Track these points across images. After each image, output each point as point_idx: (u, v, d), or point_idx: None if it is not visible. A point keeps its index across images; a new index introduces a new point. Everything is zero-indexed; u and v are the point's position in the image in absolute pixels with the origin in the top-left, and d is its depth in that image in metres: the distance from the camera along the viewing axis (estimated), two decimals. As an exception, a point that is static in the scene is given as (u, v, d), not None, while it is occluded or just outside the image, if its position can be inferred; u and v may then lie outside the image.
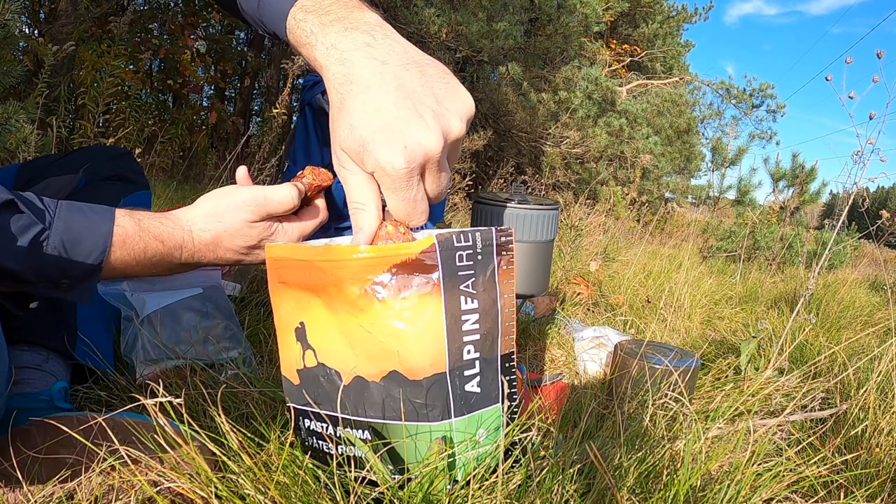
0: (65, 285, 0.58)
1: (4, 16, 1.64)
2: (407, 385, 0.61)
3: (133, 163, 1.04)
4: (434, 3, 4.73)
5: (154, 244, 0.62)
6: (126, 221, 0.60)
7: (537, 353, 1.42)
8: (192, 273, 1.15)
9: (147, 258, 0.62)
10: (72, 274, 0.57)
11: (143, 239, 0.61)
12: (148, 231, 0.62)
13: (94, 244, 0.57)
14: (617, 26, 9.51)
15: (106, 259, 0.58)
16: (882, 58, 1.45)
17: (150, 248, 0.62)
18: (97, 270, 0.58)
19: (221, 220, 0.66)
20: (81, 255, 0.57)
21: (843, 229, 3.61)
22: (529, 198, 1.40)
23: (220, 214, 0.67)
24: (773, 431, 0.98)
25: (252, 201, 0.67)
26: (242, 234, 0.67)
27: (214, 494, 0.56)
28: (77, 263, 0.57)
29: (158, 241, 0.62)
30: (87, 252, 0.57)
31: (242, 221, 0.67)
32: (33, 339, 0.82)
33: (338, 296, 0.62)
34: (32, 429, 0.66)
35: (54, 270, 0.57)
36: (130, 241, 0.60)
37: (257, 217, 0.68)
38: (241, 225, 0.67)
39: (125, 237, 0.60)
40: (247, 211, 0.67)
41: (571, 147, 6.06)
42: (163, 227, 0.63)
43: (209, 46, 5.25)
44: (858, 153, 1.52)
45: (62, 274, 0.57)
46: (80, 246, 0.57)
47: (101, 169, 0.96)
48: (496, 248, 0.63)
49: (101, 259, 0.58)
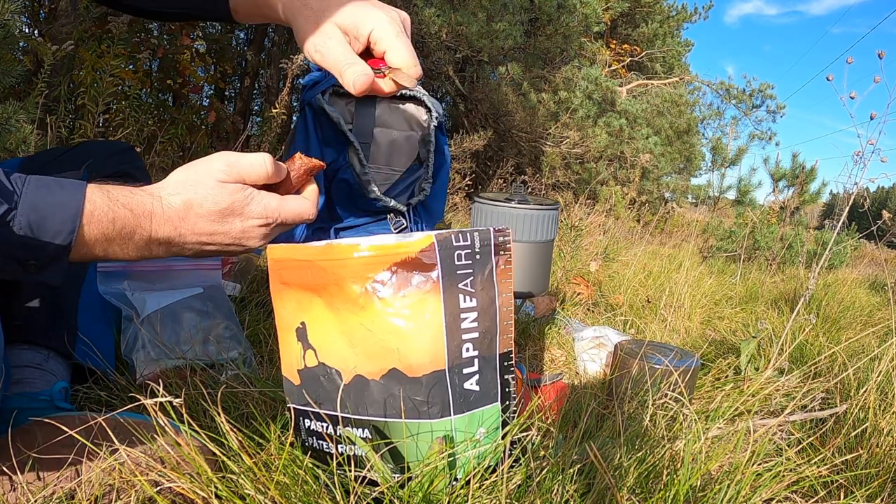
0: (33, 266, 0.56)
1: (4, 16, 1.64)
2: (407, 383, 0.61)
3: (136, 158, 1.03)
4: (434, 3, 4.73)
5: (123, 213, 0.58)
6: (96, 195, 0.57)
7: (537, 353, 1.42)
8: (192, 273, 1.16)
9: (116, 230, 0.58)
10: (40, 255, 0.55)
11: (112, 209, 0.58)
12: (116, 200, 0.58)
13: (63, 223, 0.55)
14: (617, 26, 9.51)
15: (75, 238, 0.56)
16: (883, 58, 1.45)
17: (119, 218, 0.58)
18: (66, 251, 0.56)
19: (193, 185, 0.62)
20: (49, 236, 0.54)
21: (844, 229, 3.61)
22: (529, 198, 1.40)
23: (192, 180, 0.62)
24: (773, 431, 0.98)
25: (222, 161, 0.63)
26: (213, 197, 0.62)
27: (214, 494, 0.56)
28: (45, 244, 0.54)
29: (127, 209, 0.59)
30: (55, 232, 0.54)
31: (213, 181, 0.62)
32: (33, 339, 0.82)
33: (339, 294, 0.63)
34: (33, 428, 0.66)
35: (22, 251, 0.54)
36: (99, 213, 0.57)
37: (229, 178, 0.63)
38: (212, 185, 0.62)
39: (94, 211, 0.56)
40: (218, 171, 0.63)
41: (571, 147, 6.06)
42: (132, 195, 0.60)
43: (209, 46, 5.25)
44: (859, 153, 1.52)
45: (30, 255, 0.55)
46: (47, 226, 0.54)
47: (103, 165, 0.95)
48: (494, 247, 0.64)
49: (69, 239, 0.55)
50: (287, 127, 4.22)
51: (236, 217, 0.63)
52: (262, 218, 0.64)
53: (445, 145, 1.52)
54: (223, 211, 0.62)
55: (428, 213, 1.47)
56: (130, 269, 1.11)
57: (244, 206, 0.63)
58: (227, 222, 0.63)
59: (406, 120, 1.49)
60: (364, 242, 0.61)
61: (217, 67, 5.38)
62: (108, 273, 1.07)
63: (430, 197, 1.46)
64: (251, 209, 0.64)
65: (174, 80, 4.48)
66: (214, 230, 0.63)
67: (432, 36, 4.72)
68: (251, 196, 0.64)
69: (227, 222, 0.63)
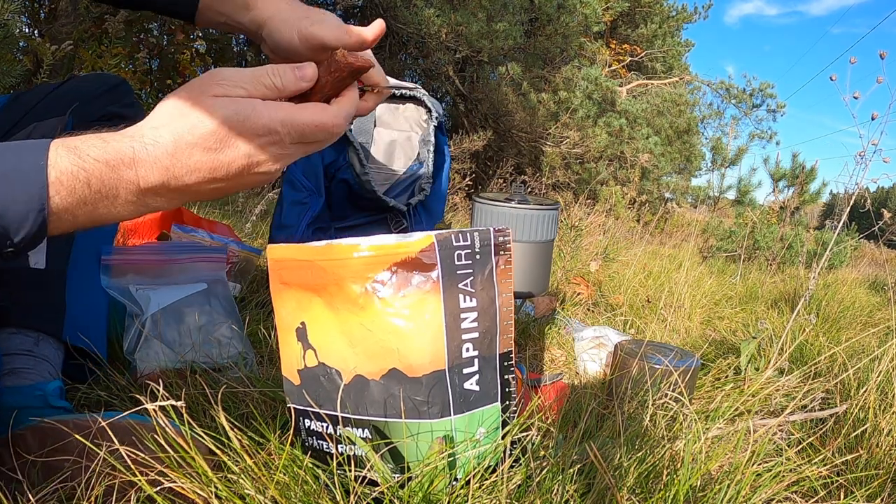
0: (10, 253, 0.48)
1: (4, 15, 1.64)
2: (407, 382, 0.61)
3: (127, 94, 0.93)
4: (434, 3, 4.73)
5: (98, 170, 0.48)
6: (62, 159, 0.47)
7: (537, 353, 1.42)
8: (197, 265, 1.14)
9: (94, 191, 0.48)
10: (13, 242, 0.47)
11: (84, 169, 0.47)
12: (87, 156, 0.48)
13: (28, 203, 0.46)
14: (617, 26, 9.51)
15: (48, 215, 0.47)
16: (885, 58, 1.45)
17: (95, 177, 0.48)
18: (41, 231, 0.48)
19: (185, 110, 0.49)
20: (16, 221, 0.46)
21: (844, 229, 3.61)
22: (529, 198, 1.40)
23: (184, 103, 0.50)
24: (773, 431, 0.98)
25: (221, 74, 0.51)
26: (203, 114, 0.49)
27: (214, 494, 0.56)
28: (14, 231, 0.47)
29: (102, 163, 0.48)
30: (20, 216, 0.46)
31: (205, 98, 0.50)
32: (21, 322, 0.80)
33: (339, 294, 0.63)
34: (27, 434, 0.65)
35: None
36: (68, 178, 0.47)
37: (224, 91, 0.50)
38: (202, 102, 0.49)
39: (60, 178, 0.47)
40: (215, 84, 0.50)
41: (571, 147, 6.06)
42: (106, 145, 0.48)
43: (209, 46, 5.25)
44: (862, 154, 1.52)
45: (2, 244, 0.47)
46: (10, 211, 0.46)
47: (90, 108, 0.87)
48: (494, 247, 0.64)
49: (40, 219, 0.47)
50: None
51: (236, 138, 0.50)
52: (269, 133, 0.50)
53: (445, 145, 1.52)
54: (216, 131, 0.49)
55: (428, 213, 1.47)
56: (134, 263, 1.10)
57: (243, 121, 0.49)
58: (227, 147, 0.50)
59: (406, 120, 1.49)
60: (364, 242, 0.61)
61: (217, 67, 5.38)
62: (112, 266, 1.07)
63: (430, 197, 1.46)
64: (253, 123, 0.50)
65: (174, 80, 4.48)
66: (215, 161, 0.50)
67: (432, 36, 4.72)
68: (251, 106, 0.50)
69: (228, 147, 0.50)
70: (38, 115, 0.85)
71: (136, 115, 0.93)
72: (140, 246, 1.23)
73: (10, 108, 0.86)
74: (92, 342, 0.86)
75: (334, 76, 0.55)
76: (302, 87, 0.54)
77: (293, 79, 0.53)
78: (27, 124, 0.84)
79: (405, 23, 4.69)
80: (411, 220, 1.42)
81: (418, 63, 5.99)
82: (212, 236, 1.50)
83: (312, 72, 0.54)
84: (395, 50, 5.68)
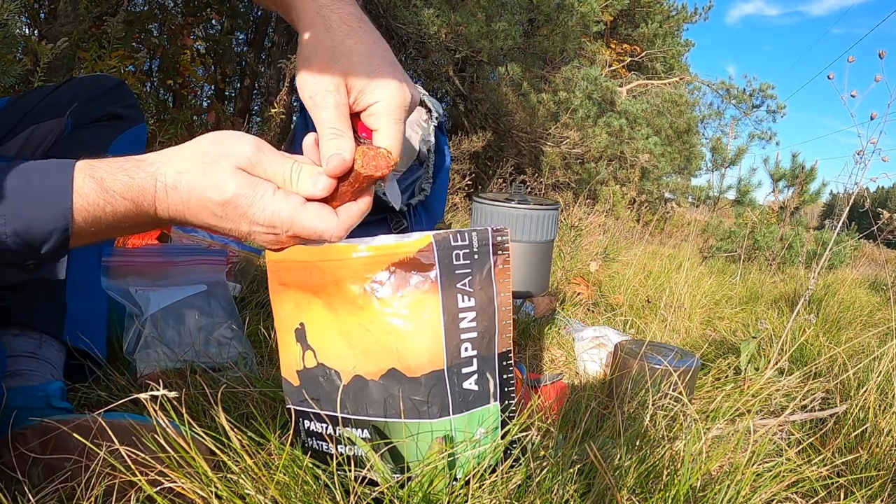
0: (32, 266, 0.53)
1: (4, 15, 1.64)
2: (406, 382, 0.61)
3: (125, 95, 0.95)
4: (433, 3, 4.73)
5: (123, 205, 0.53)
6: (88, 188, 0.51)
7: (537, 353, 1.42)
8: (197, 267, 1.15)
9: (117, 221, 0.54)
10: (35, 256, 0.52)
11: (110, 203, 0.52)
12: (114, 192, 0.52)
13: (53, 227, 0.51)
14: (617, 26, 9.52)
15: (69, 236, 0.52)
16: (884, 58, 1.45)
17: (119, 211, 0.53)
18: (63, 248, 0.52)
19: (205, 165, 0.54)
20: (39, 240, 0.51)
21: (844, 229, 3.61)
22: (529, 198, 1.40)
23: (209, 158, 0.54)
24: (774, 432, 0.98)
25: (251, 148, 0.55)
26: (217, 182, 0.53)
27: (214, 494, 0.56)
28: (38, 246, 0.51)
29: (128, 201, 0.53)
30: (44, 235, 0.51)
31: (227, 165, 0.54)
32: (24, 322, 0.81)
33: (337, 295, 0.63)
34: (28, 433, 0.65)
35: (15, 258, 0.52)
36: (94, 209, 0.52)
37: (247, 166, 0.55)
38: (222, 168, 0.54)
39: (86, 207, 0.51)
40: (238, 155, 0.54)
41: (571, 147, 6.06)
42: (132, 182, 0.53)
43: (209, 46, 5.26)
44: (860, 153, 1.52)
45: (25, 259, 0.52)
46: (35, 231, 0.50)
47: (89, 109, 0.88)
48: (492, 247, 0.64)
49: (63, 239, 0.51)
50: (287, 127, 4.22)
51: (240, 218, 0.55)
52: (267, 226, 0.56)
53: (445, 145, 1.52)
54: (225, 203, 0.54)
55: (428, 213, 1.47)
56: (135, 264, 1.10)
57: (249, 205, 0.54)
58: (230, 219, 0.55)
59: (405, 120, 1.49)
60: (363, 243, 0.61)
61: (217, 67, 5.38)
62: (112, 268, 1.07)
63: (430, 197, 1.46)
64: (255, 213, 0.55)
65: (174, 80, 4.48)
66: (217, 223, 0.55)
67: (431, 36, 4.72)
68: (261, 195, 0.54)
69: (230, 219, 0.55)
70: (37, 117, 0.86)
71: (134, 115, 0.94)
72: (140, 248, 1.23)
73: (8, 110, 0.87)
74: (92, 343, 0.87)
75: (353, 186, 0.58)
76: (314, 196, 0.57)
77: (308, 187, 0.56)
78: (27, 126, 0.85)
79: (404, 23, 4.69)
80: (411, 220, 1.42)
81: (418, 63, 5.99)
82: (212, 236, 1.50)
83: (330, 186, 0.57)
84: (395, 50, 5.67)
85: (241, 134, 0.57)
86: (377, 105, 0.60)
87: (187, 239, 1.44)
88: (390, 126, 0.60)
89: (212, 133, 0.57)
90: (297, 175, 0.56)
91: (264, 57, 5.79)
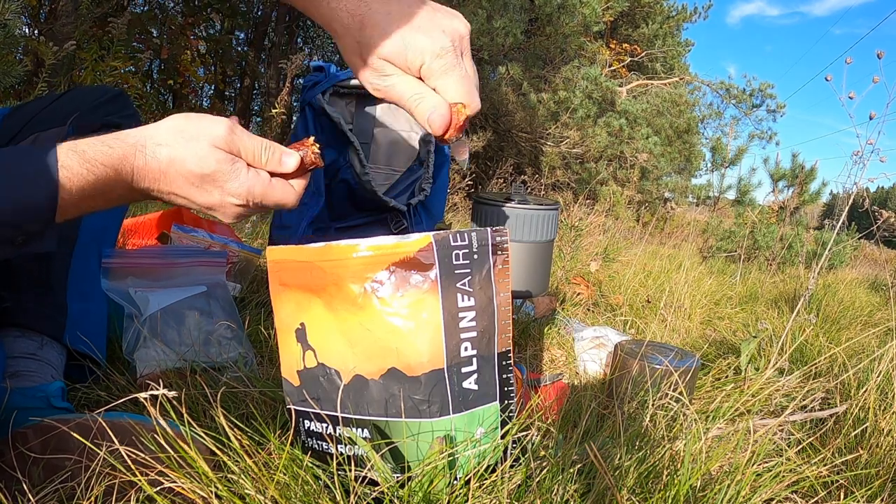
0: (21, 241, 0.56)
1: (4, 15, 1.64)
2: (406, 382, 0.61)
3: (125, 105, 0.97)
4: (434, 2, 4.73)
5: (104, 173, 0.57)
6: (70, 160, 0.55)
7: (537, 353, 1.42)
8: (197, 269, 1.15)
9: (98, 189, 0.57)
10: (25, 230, 0.55)
11: (93, 172, 0.56)
12: (96, 161, 0.56)
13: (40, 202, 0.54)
14: (617, 26, 9.52)
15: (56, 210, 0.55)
16: (882, 58, 1.45)
17: (101, 179, 0.57)
18: (51, 220, 0.55)
19: (185, 141, 0.59)
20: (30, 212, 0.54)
21: (843, 229, 3.61)
22: (529, 198, 1.40)
23: (187, 134, 0.59)
24: (774, 432, 0.98)
25: (225, 128, 0.60)
26: (199, 159, 0.59)
27: (214, 494, 0.56)
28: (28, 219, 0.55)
29: (109, 168, 0.57)
30: (35, 208, 0.54)
31: (207, 143, 0.59)
32: (25, 324, 0.81)
33: (338, 295, 0.63)
34: (29, 432, 0.66)
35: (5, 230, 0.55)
36: (79, 180, 0.55)
37: (225, 146, 0.60)
38: (204, 146, 0.59)
39: (71, 178, 0.55)
40: (217, 136, 0.59)
41: (571, 147, 6.06)
42: (112, 151, 0.57)
43: (209, 47, 5.26)
44: (858, 153, 1.52)
45: (15, 232, 0.55)
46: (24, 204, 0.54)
47: (90, 118, 0.90)
48: (492, 247, 0.64)
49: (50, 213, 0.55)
50: (287, 127, 4.23)
51: (216, 187, 0.61)
52: (241, 198, 0.62)
53: (445, 145, 1.52)
54: (205, 177, 0.59)
55: (428, 213, 1.47)
56: (134, 265, 1.10)
57: (227, 180, 0.60)
58: (205, 190, 0.61)
59: (406, 120, 1.49)
60: (363, 243, 0.61)
61: (217, 67, 5.38)
62: (112, 269, 1.07)
63: (430, 197, 1.46)
64: (232, 186, 0.61)
65: (174, 80, 4.49)
66: (191, 192, 0.61)
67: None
68: (238, 171, 0.61)
69: (206, 190, 0.61)
70: (38, 125, 0.87)
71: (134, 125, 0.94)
72: (140, 249, 1.23)
73: (10, 118, 0.89)
74: (93, 344, 0.87)
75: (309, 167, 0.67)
76: (281, 172, 0.64)
77: (276, 163, 0.64)
78: (28, 134, 0.87)
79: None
80: (411, 220, 1.42)
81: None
82: (212, 236, 1.50)
83: (295, 164, 0.64)
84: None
85: (212, 116, 0.62)
86: (423, 68, 0.60)
87: (187, 240, 1.44)
88: (445, 80, 0.60)
89: (184, 113, 0.62)
90: (268, 153, 0.63)
91: (264, 57, 5.79)
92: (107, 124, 0.89)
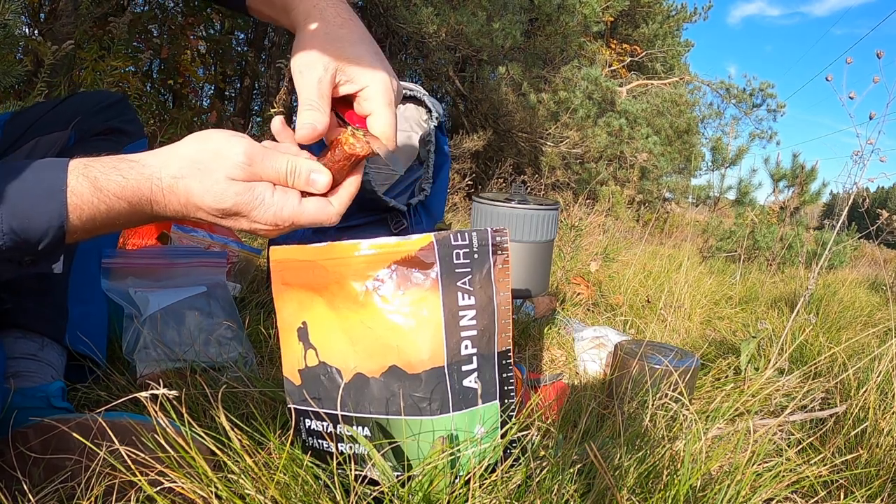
0: (29, 262, 0.55)
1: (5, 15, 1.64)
2: (406, 379, 0.62)
3: (126, 110, 0.96)
4: (433, 2, 4.73)
5: (118, 205, 0.54)
6: (82, 187, 0.53)
7: (537, 353, 1.42)
8: (197, 269, 1.15)
9: (111, 219, 0.55)
10: (33, 251, 0.54)
11: (105, 202, 0.54)
12: (107, 192, 0.54)
13: (49, 224, 0.52)
14: (617, 26, 9.52)
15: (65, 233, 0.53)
16: (882, 58, 1.45)
17: (114, 210, 0.54)
18: (59, 243, 0.54)
19: (199, 172, 0.55)
20: (36, 236, 0.52)
21: (843, 229, 3.61)
22: (529, 198, 1.40)
23: (201, 165, 0.56)
24: (774, 431, 0.98)
25: (242, 153, 0.56)
26: (216, 194, 0.55)
27: (214, 494, 0.56)
28: (34, 243, 0.53)
29: (123, 202, 0.54)
30: (41, 232, 0.52)
31: (222, 175, 0.56)
32: (25, 324, 0.81)
33: (340, 293, 0.63)
34: (29, 432, 0.66)
35: (12, 253, 0.53)
36: (89, 208, 0.53)
37: (242, 175, 0.56)
38: (220, 180, 0.56)
39: (81, 205, 0.53)
40: (233, 165, 0.56)
41: (571, 147, 6.06)
42: (126, 182, 0.54)
43: (209, 47, 5.26)
44: (858, 153, 1.51)
45: (22, 255, 0.54)
46: (32, 228, 0.52)
47: (91, 122, 0.90)
48: (492, 247, 0.65)
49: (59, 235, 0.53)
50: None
51: (241, 217, 0.58)
52: (268, 223, 0.59)
53: (445, 145, 1.52)
54: (225, 211, 0.57)
55: (428, 213, 1.47)
56: (135, 266, 1.10)
57: (250, 210, 0.57)
58: (231, 220, 0.58)
59: (406, 120, 1.49)
60: (365, 243, 0.62)
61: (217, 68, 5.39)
62: (112, 269, 1.07)
63: (431, 197, 1.46)
64: (257, 214, 0.57)
65: (175, 81, 4.49)
66: (217, 222, 0.59)
67: (432, 35, 4.72)
68: (260, 199, 0.57)
69: (232, 220, 0.58)
70: (40, 130, 0.88)
71: (135, 130, 0.96)
72: (141, 250, 1.23)
73: (12, 122, 0.89)
74: (93, 345, 0.87)
75: (338, 164, 0.60)
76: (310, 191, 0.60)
77: (304, 184, 0.59)
78: (31, 137, 0.87)
79: (404, 22, 4.69)
80: (411, 220, 1.42)
81: (418, 63, 6.00)
82: (212, 236, 1.50)
83: (326, 183, 0.60)
84: (395, 50, 5.68)
85: (229, 135, 0.58)
86: (368, 90, 0.64)
87: (187, 240, 1.44)
88: (383, 109, 0.64)
89: (199, 134, 0.58)
90: (294, 171, 0.59)
91: (264, 57, 5.80)
92: (108, 129, 0.92)
